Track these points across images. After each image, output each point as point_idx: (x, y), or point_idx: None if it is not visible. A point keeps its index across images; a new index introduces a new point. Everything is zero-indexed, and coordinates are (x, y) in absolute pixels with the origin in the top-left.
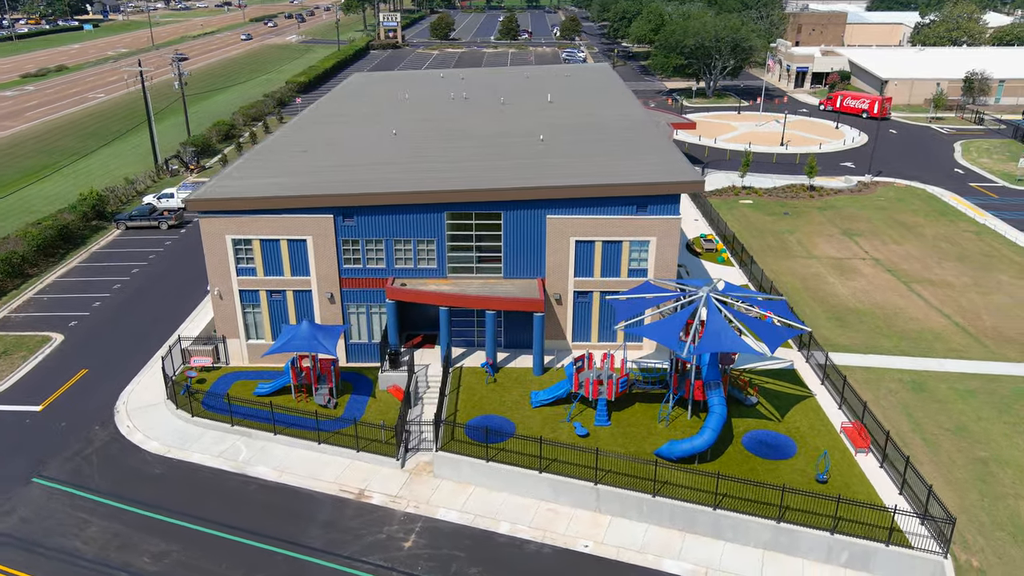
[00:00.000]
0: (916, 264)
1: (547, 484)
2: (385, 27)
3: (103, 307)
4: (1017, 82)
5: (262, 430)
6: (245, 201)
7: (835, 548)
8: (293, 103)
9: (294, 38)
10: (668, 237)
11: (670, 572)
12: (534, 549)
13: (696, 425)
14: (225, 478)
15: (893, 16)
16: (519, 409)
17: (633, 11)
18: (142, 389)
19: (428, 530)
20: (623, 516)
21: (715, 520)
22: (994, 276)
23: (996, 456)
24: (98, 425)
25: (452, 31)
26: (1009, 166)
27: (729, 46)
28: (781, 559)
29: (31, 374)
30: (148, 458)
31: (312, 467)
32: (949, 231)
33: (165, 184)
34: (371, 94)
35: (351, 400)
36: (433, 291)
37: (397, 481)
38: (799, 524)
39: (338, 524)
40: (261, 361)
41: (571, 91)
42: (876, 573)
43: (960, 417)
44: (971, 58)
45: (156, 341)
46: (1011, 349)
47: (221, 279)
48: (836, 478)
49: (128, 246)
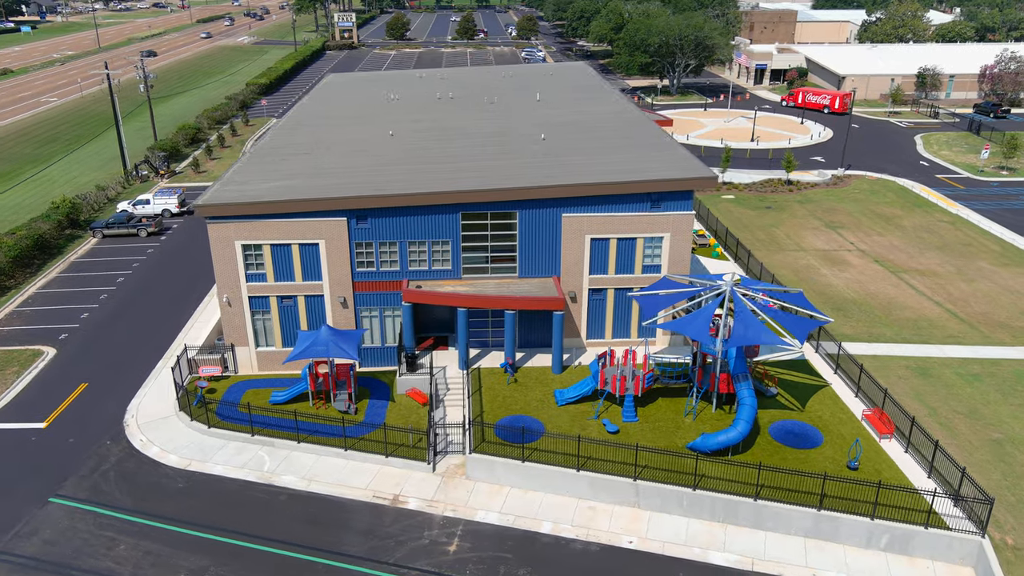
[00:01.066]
0: (901, 254)
1: (585, 482)
2: (340, 27)
3: (92, 318)
4: (966, 77)
5: (284, 439)
6: (256, 206)
7: (875, 533)
8: (258, 105)
9: (246, 39)
10: (682, 233)
11: (717, 564)
12: (580, 548)
13: (721, 418)
14: (252, 489)
15: (840, 14)
16: (544, 408)
17: (591, 10)
18: (150, 401)
19: (470, 533)
20: (663, 511)
21: (756, 511)
22: (975, 264)
23: (1010, 437)
24: (109, 440)
25: (408, 31)
26: (969, 158)
27: (692, 44)
28: (823, 546)
29: (28, 390)
30: (168, 472)
31: (341, 474)
32: (926, 222)
33: (136, 190)
34: (353, 95)
35: (370, 405)
36: (451, 292)
37: (431, 485)
38: (840, 511)
39: (377, 531)
40: (271, 369)
41: (557, 89)
42: (915, 555)
43: (969, 401)
44: (922, 54)
45: (155, 351)
46: (1003, 333)
47: (230, 286)
48: (865, 464)
49: (107, 255)
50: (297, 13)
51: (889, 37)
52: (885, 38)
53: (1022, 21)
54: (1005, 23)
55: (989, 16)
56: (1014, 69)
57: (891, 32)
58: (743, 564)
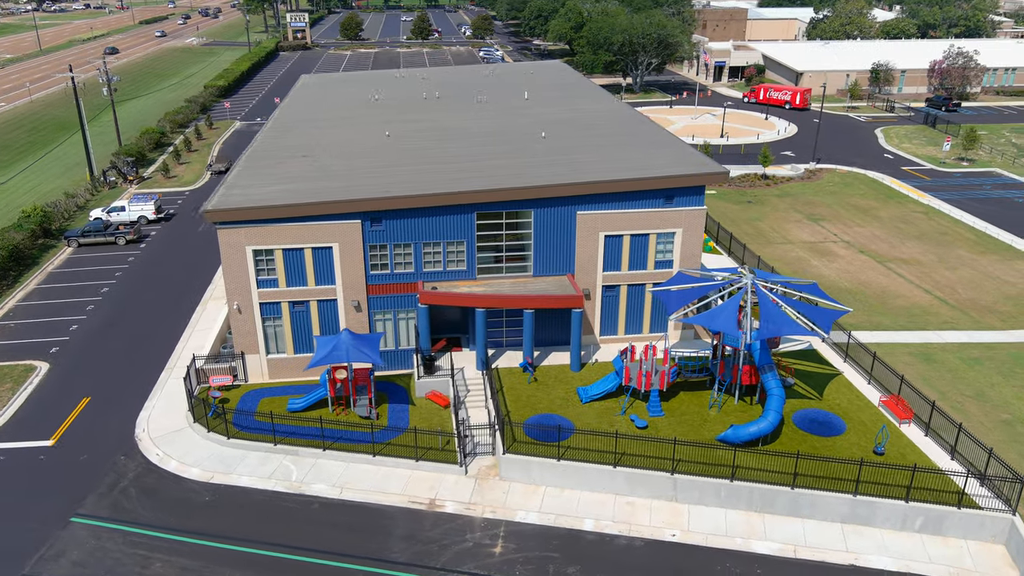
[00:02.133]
0: (883, 244)
1: (622, 478)
2: (293, 28)
3: (82, 330)
4: (916, 72)
5: (309, 447)
6: (268, 210)
7: (910, 516)
8: (221, 108)
9: (194, 40)
10: (693, 228)
11: (761, 553)
12: (624, 543)
13: (744, 409)
14: (283, 500)
15: (788, 12)
16: (569, 406)
17: (549, 9)
18: (160, 414)
19: (513, 534)
20: (701, 503)
21: (794, 499)
22: (954, 252)
23: (1019, 418)
24: (123, 455)
25: (362, 31)
26: (929, 150)
27: (655, 42)
28: (861, 530)
29: (26, 407)
30: (192, 486)
31: (373, 480)
32: (901, 212)
33: (106, 197)
34: (335, 96)
35: (391, 409)
36: (469, 293)
37: (465, 487)
38: (875, 496)
39: (419, 536)
40: (283, 376)
41: (542, 88)
42: (949, 535)
43: (975, 384)
44: (874, 50)
45: (155, 362)
46: (992, 318)
47: (240, 292)
48: (889, 449)
49: (86, 264)
50: (246, 14)
51: (837, 34)
52: (833, 35)
53: (960, 18)
54: (945, 20)
55: (930, 13)
56: (961, 64)
57: (839, 29)
58: (786, 552)
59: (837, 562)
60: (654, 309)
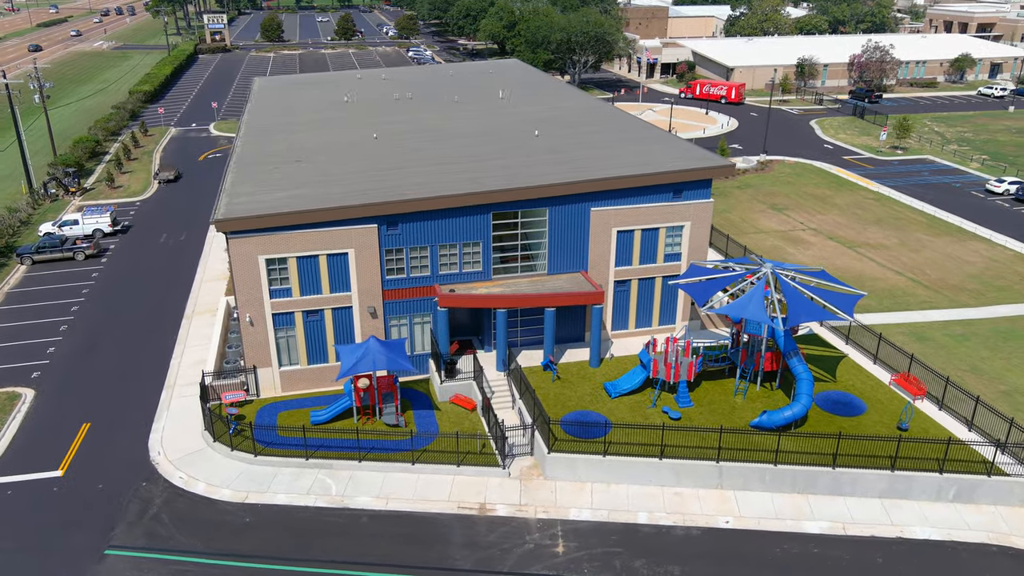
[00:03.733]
0: (848, 231)
1: (668, 469)
2: (211, 29)
3: (61, 353)
4: (837, 66)
5: (343, 459)
6: (282, 216)
7: (944, 487)
8: (155, 114)
9: (105, 44)
10: (701, 221)
11: (813, 533)
12: (682, 533)
13: (767, 394)
14: (327, 515)
15: (706, 9)
16: (599, 402)
17: (478, 8)
18: (173, 435)
19: (570, 532)
20: (746, 489)
21: (835, 478)
22: (913, 235)
23: (1015, 388)
24: (144, 481)
25: (283, 32)
26: (864, 139)
27: (592, 40)
28: (900, 504)
29: (21, 437)
30: (226, 508)
31: (415, 489)
32: (855, 200)
33: (49, 211)
34: (301, 98)
35: (417, 416)
36: (488, 294)
37: (511, 489)
38: (912, 470)
39: (478, 541)
40: (296, 389)
41: (511, 86)
42: (981, 503)
43: (968, 359)
44: (796, 46)
45: (150, 382)
46: (964, 296)
47: (252, 304)
48: (912, 424)
49: (45, 283)
50: (155, 15)
51: (755, 31)
52: (752, 31)
53: (867, 14)
54: (853, 16)
55: (839, 10)
56: (878, 58)
57: (756, 26)
58: (836, 530)
59: (885, 536)
60: (663, 302)
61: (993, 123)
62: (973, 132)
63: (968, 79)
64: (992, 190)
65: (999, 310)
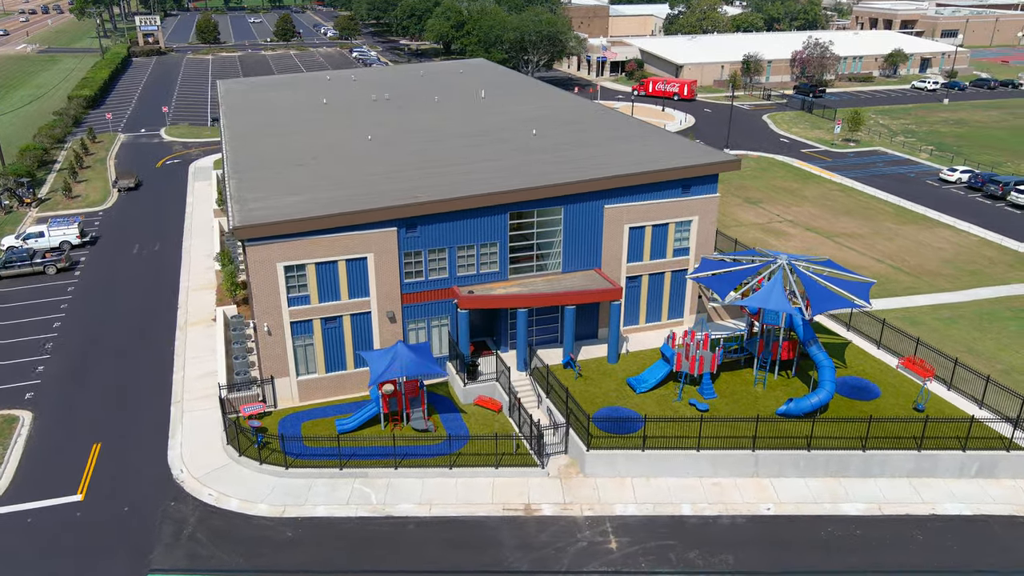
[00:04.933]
0: (822, 221)
1: (706, 460)
2: (143, 31)
3: (52, 371)
4: (780, 62)
5: (378, 467)
6: (302, 222)
7: (967, 463)
8: (101, 119)
9: (28, 47)
10: (708, 215)
11: (852, 514)
12: (728, 522)
13: (785, 382)
14: (373, 525)
15: (645, 8)
16: (626, 397)
17: (423, 8)
18: (193, 451)
19: (620, 528)
20: (780, 475)
21: (865, 461)
22: (883, 224)
23: (1010, 367)
24: (172, 500)
25: (219, 34)
26: (816, 133)
27: (546, 39)
28: (927, 482)
29: (29, 461)
30: (265, 523)
31: (456, 493)
32: (822, 191)
33: (5, 223)
34: (276, 101)
35: (444, 420)
36: (508, 294)
37: (553, 488)
38: (937, 449)
39: (531, 542)
40: (314, 398)
41: (490, 86)
42: (1001, 477)
43: (961, 341)
44: (739, 43)
45: (155, 397)
46: (942, 281)
47: (271, 313)
48: (927, 406)
49: (18, 299)
50: (80, 16)
51: (694, 29)
52: (691, 30)
53: (800, 12)
54: (788, 14)
55: (773, 8)
56: (818, 54)
57: (695, 24)
58: (872, 511)
59: (919, 513)
60: (672, 297)
61: (931, 115)
62: (916, 124)
63: (901, 73)
64: (946, 179)
65: (978, 293)
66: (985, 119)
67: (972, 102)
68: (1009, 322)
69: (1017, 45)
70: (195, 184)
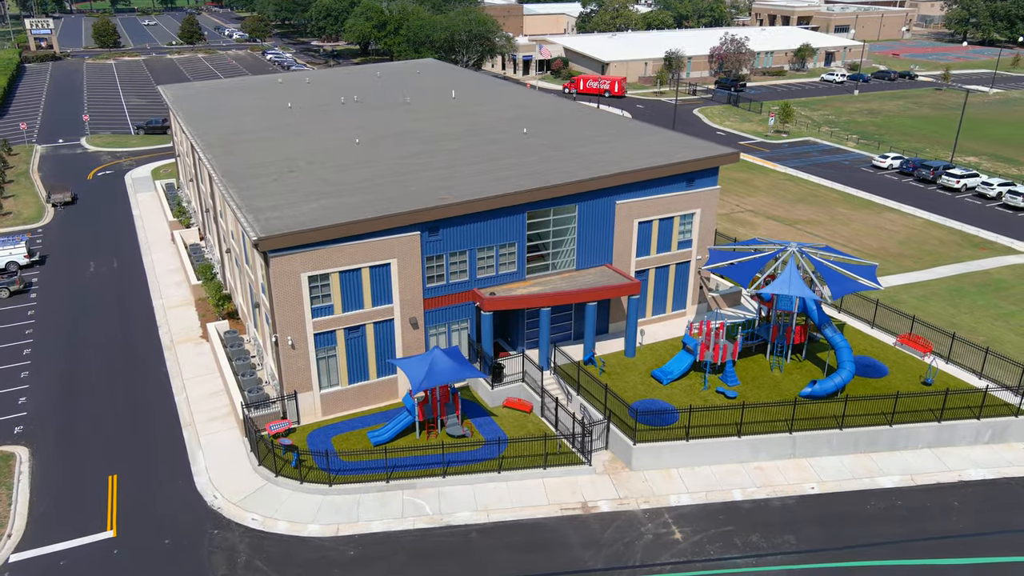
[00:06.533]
0: (779, 210)
1: (746, 446)
2: (36, 36)
3: (37, 402)
4: (700, 58)
5: (426, 476)
6: (326, 230)
7: (981, 431)
8: (16, 130)
9: None
10: (710, 207)
11: (889, 487)
12: (779, 504)
13: (798, 365)
14: (434, 536)
15: (557, 7)
16: (655, 389)
17: (339, 8)
18: (221, 475)
19: (679, 518)
20: (815, 455)
21: (892, 435)
22: (836, 210)
23: (992, 338)
24: (215, 529)
25: (119, 38)
26: (747, 126)
27: (476, 38)
28: (947, 451)
29: (40, 500)
30: (322, 543)
31: (510, 497)
32: (771, 181)
33: None
34: (237, 106)
35: (477, 424)
36: (529, 293)
37: (604, 484)
38: (956, 419)
39: (597, 540)
40: (337, 411)
41: (458, 86)
42: (1011, 441)
43: (939, 316)
44: (661, 40)
45: (161, 421)
46: (907, 261)
47: (294, 325)
48: None
49: None
50: None
51: (608, 26)
52: (605, 27)
53: (707, 9)
54: (696, 11)
55: (682, 6)
56: (735, 50)
57: (609, 22)
58: (907, 482)
59: (949, 481)
60: (676, 288)
61: (846, 106)
62: (835, 115)
63: (809, 67)
64: (878, 165)
65: (940, 271)
66: (894, 108)
67: (878, 93)
68: (976, 297)
69: (901, 39)
70: (138, 196)
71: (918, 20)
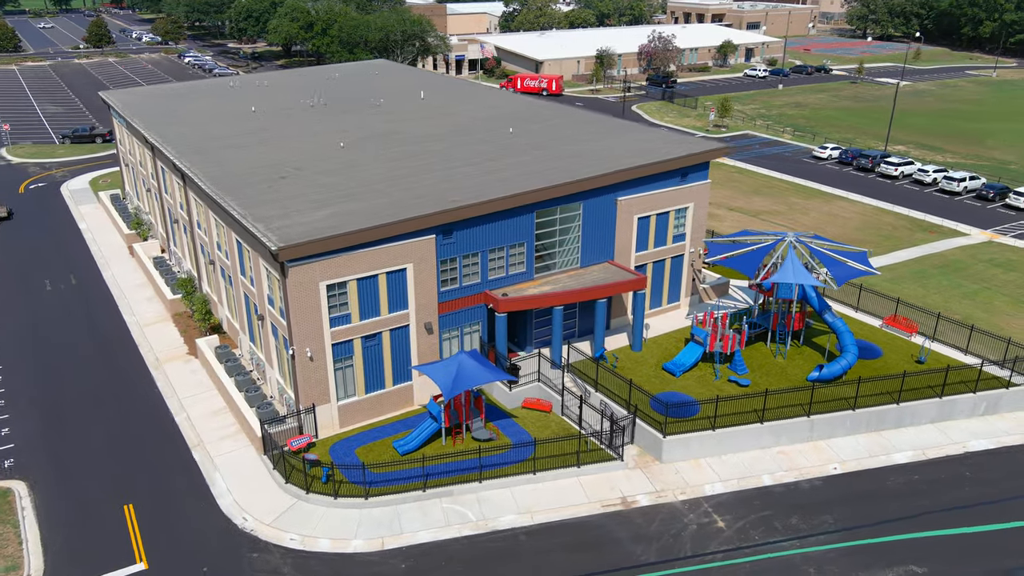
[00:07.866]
0: (739, 202)
1: (768, 432)
2: None
3: (23, 432)
4: (629, 56)
5: (463, 483)
6: (343, 238)
7: (977, 404)
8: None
9: None
10: (702, 201)
11: (903, 463)
12: (808, 486)
13: (799, 351)
14: (483, 542)
15: (479, 7)
16: (668, 381)
17: (261, 9)
18: (246, 495)
19: (718, 507)
20: (831, 436)
21: (899, 413)
22: (791, 200)
23: (966, 316)
24: (253, 552)
25: (20, 42)
26: (686, 120)
27: (411, 38)
28: (948, 425)
29: (53, 537)
30: (371, 559)
31: (549, 497)
32: (724, 175)
33: None
34: (198, 112)
35: (501, 426)
36: (542, 293)
37: (639, 478)
38: (954, 394)
39: (644, 534)
40: (354, 422)
41: (423, 87)
42: (1003, 412)
43: (916, 297)
44: (591, 39)
45: (167, 444)
46: (868, 246)
47: (312, 336)
48: (911, 356)
49: None
50: None
51: (532, 25)
52: (529, 26)
53: (627, 8)
54: (616, 10)
55: (604, 4)
56: (662, 47)
57: (533, 21)
58: (919, 457)
59: (955, 453)
60: (671, 282)
61: (774, 100)
62: (765, 108)
63: (731, 63)
64: (819, 156)
65: (901, 255)
66: (817, 101)
67: (799, 87)
68: (940, 278)
69: (808, 35)
70: (80, 208)
71: (820, 17)
